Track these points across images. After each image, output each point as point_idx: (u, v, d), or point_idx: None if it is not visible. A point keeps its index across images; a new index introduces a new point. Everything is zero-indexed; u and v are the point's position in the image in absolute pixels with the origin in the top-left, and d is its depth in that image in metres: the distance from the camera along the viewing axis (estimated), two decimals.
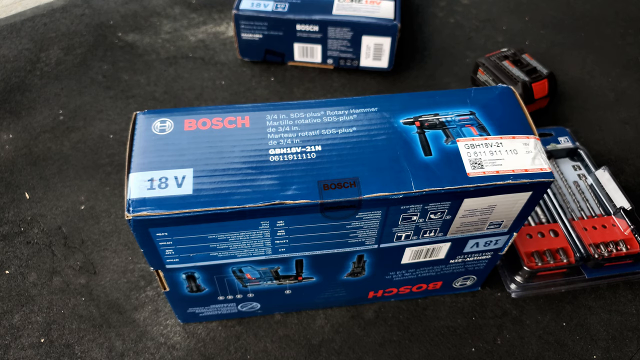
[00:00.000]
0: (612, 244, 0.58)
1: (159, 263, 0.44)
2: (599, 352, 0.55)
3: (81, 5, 0.95)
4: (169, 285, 0.48)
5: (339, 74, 0.83)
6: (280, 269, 0.48)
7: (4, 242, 0.62)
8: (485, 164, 0.41)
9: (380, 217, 0.42)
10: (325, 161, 0.41)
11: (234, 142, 0.41)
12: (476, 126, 0.43)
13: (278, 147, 0.41)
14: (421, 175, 0.40)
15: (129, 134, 0.42)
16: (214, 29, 0.91)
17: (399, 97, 0.46)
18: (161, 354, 0.54)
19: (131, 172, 0.39)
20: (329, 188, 0.39)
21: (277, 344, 0.55)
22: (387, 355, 0.54)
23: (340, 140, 0.42)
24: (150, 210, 0.38)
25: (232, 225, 0.40)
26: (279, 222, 0.41)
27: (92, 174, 0.69)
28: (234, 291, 0.51)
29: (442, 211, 0.43)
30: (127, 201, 0.38)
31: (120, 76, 0.82)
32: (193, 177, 0.39)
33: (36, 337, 0.54)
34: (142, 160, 0.40)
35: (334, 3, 0.77)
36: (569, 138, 0.69)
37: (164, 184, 0.39)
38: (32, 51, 0.86)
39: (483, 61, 0.76)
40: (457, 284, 0.57)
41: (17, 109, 0.77)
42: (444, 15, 0.96)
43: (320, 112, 0.44)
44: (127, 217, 0.38)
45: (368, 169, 0.40)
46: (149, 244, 0.41)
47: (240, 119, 0.43)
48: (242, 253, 0.44)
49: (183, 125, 0.42)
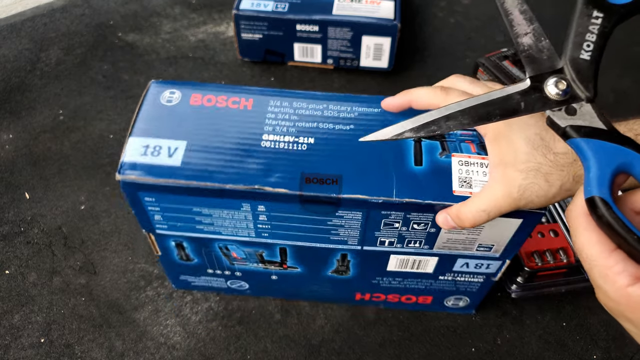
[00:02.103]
0: None
1: (149, 227, 0.46)
2: (599, 352, 0.55)
3: (81, 5, 0.95)
4: (161, 250, 0.49)
5: (339, 74, 0.83)
6: (264, 254, 0.49)
7: (4, 242, 0.62)
8: (474, 184, 0.40)
9: (361, 219, 0.42)
10: (314, 154, 0.41)
11: (232, 122, 0.42)
12: (477, 144, 0.42)
13: (272, 134, 0.42)
14: (406, 184, 0.39)
15: (140, 98, 0.44)
16: (214, 29, 0.91)
17: None
18: (161, 354, 0.54)
19: (131, 136, 0.42)
20: (311, 182, 0.39)
21: (277, 344, 0.55)
22: (387, 355, 0.54)
23: (335, 135, 0.42)
24: (138, 175, 0.40)
25: (214, 202, 0.42)
26: (259, 206, 0.42)
27: (92, 174, 0.69)
28: (222, 267, 0.52)
29: (425, 222, 0.42)
30: (121, 163, 0.40)
31: (120, 76, 0.82)
32: (185, 150, 0.41)
33: (36, 337, 0.54)
34: (144, 126, 0.42)
35: (334, 3, 0.77)
36: None
37: (157, 152, 0.41)
38: (32, 51, 0.86)
39: (483, 61, 0.76)
40: (448, 303, 0.56)
41: (17, 109, 0.77)
42: (444, 15, 0.96)
43: (323, 105, 0.44)
44: (117, 178, 0.40)
45: (354, 169, 0.40)
46: (138, 206, 0.43)
47: (244, 101, 0.44)
48: (227, 231, 0.46)
49: (189, 98, 0.44)
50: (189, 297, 0.58)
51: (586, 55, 0.30)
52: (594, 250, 0.27)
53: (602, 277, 0.27)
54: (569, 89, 0.30)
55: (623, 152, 0.29)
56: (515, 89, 0.31)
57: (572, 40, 0.31)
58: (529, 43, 0.32)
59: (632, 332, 0.28)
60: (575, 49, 0.30)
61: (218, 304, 0.57)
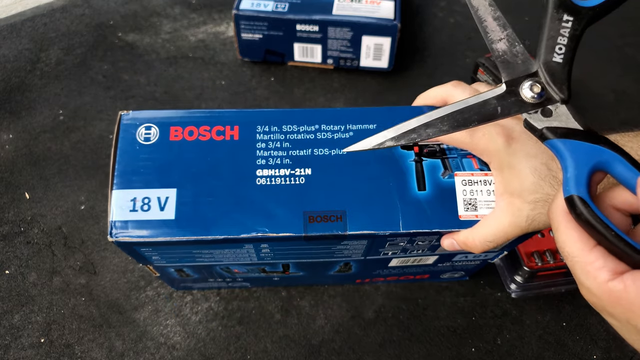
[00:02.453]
0: None
1: (147, 262, 0.45)
2: (599, 352, 0.55)
3: (81, 5, 0.95)
4: (159, 272, 0.49)
5: (339, 74, 0.83)
6: (267, 267, 0.49)
7: (4, 242, 0.62)
8: (479, 206, 0.39)
9: (366, 244, 0.42)
10: (313, 188, 0.39)
11: (221, 158, 0.40)
12: (478, 159, 0.41)
13: (266, 168, 0.40)
14: (411, 213, 0.39)
15: (114, 135, 0.41)
16: (214, 29, 0.91)
17: (401, 111, 0.42)
18: (161, 354, 0.54)
19: (114, 189, 0.38)
20: (314, 220, 0.38)
21: (277, 344, 0.55)
22: (387, 355, 0.54)
23: (332, 162, 0.40)
24: (132, 237, 0.37)
25: (216, 246, 0.40)
26: (262, 245, 0.41)
27: (92, 174, 0.69)
28: (223, 277, 0.53)
29: (430, 240, 0.42)
30: (110, 223, 0.37)
31: (120, 76, 0.82)
32: (176, 200, 0.38)
33: (36, 337, 0.54)
34: (126, 174, 0.39)
35: (334, 3, 0.77)
36: None
37: (147, 205, 0.38)
38: (32, 51, 0.86)
39: (483, 61, 0.76)
40: (444, 276, 0.58)
41: (17, 109, 0.77)
42: (444, 15, 0.96)
43: (315, 127, 0.42)
44: (109, 240, 0.38)
45: (357, 201, 0.39)
46: (135, 254, 0.42)
47: (229, 130, 0.41)
48: (228, 260, 0.45)
49: (169, 134, 0.40)
50: (189, 297, 0.58)
51: (559, 58, 0.31)
52: (574, 247, 0.28)
53: (584, 274, 0.27)
54: (544, 91, 0.31)
55: (599, 151, 0.30)
56: (492, 94, 0.32)
57: (545, 44, 0.31)
58: (504, 48, 0.33)
59: (615, 326, 0.29)
60: (548, 52, 0.31)
61: (218, 304, 0.57)
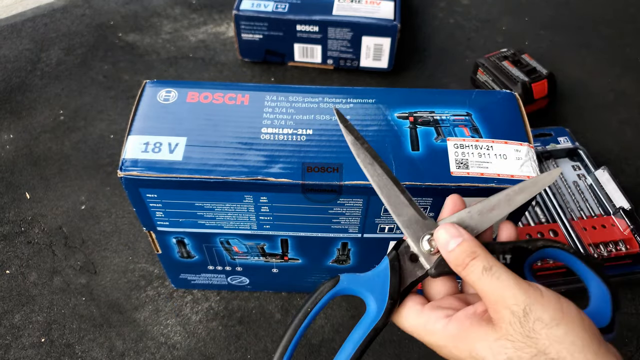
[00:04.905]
0: (611, 244, 0.58)
1: (151, 224, 0.46)
2: None
3: (82, 5, 0.95)
4: (161, 248, 0.49)
5: (339, 74, 0.83)
6: (266, 246, 0.49)
7: (5, 242, 0.62)
8: (471, 165, 0.41)
9: (362, 206, 0.43)
10: (313, 145, 0.42)
11: (230, 117, 0.43)
12: (470, 127, 0.43)
13: (271, 127, 0.43)
14: (404, 168, 0.41)
15: (135, 99, 0.45)
16: (214, 29, 0.91)
17: (399, 91, 0.46)
18: (161, 354, 0.54)
19: (130, 134, 0.42)
20: (312, 170, 0.40)
21: (277, 343, 0.55)
22: (387, 355, 0.54)
23: (333, 126, 0.43)
24: (140, 171, 0.40)
25: (217, 195, 0.42)
26: (262, 197, 0.42)
27: (93, 174, 0.69)
28: (222, 263, 0.52)
29: (424, 207, 0.43)
30: (122, 160, 0.40)
31: (120, 76, 0.83)
32: (185, 145, 0.41)
33: (37, 336, 0.54)
34: (142, 124, 0.42)
35: (334, 3, 0.77)
36: (569, 138, 0.69)
37: (158, 148, 0.41)
38: (32, 51, 0.86)
39: (483, 61, 0.76)
40: None
41: (17, 109, 0.77)
42: (443, 15, 0.96)
43: (319, 98, 0.45)
44: (119, 175, 0.40)
45: (353, 157, 0.40)
46: (140, 204, 0.43)
47: (241, 97, 0.45)
48: (229, 225, 0.46)
49: (186, 96, 0.44)
50: (189, 297, 0.58)
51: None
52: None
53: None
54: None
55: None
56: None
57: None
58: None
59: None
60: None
61: (218, 304, 0.57)
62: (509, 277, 0.30)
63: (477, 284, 0.31)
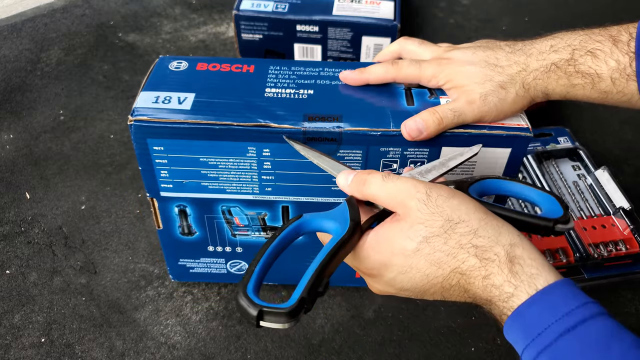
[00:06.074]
0: (611, 243, 0.58)
1: (155, 189, 0.48)
2: None
3: (82, 5, 0.95)
4: (163, 222, 0.51)
5: None
6: (267, 216, 0.50)
7: (5, 242, 0.62)
8: None
9: (361, 159, 0.45)
10: (315, 101, 0.45)
11: (237, 81, 0.47)
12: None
13: (274, 88, 0.46)
14: (401, 118, 0.44)
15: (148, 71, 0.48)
16: (215, 29, 0.92)
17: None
18: (161, 354, 0.54)
19: (143, 90, 0.45)
20: (313, 119, 0.44)
21: (277, 343, 0.55)
22: (387, 354, 0.54)
23: (333, 88, 0.47)
24: (150, 116, 0.43)
25: (221, 148, 0.44)
26: (265, 150, 0.45)
27: (93, 174, 0.69)
28: (223, 242, 0.53)
29: (421, 160, 0.45)
30: (133, 108, 0.43)
31: (120, 76, 0.83)
32: (194, 100, 0.45)
33: (37, 336, 0.54)
34: (154, 84, 0.46)
35: (334, 3, 0.77)
36: (569, 138, 0.69)
37: (168, 100, 0.44)
38: (32, 51, 0.86)
39: None
40: None
41: (17, 109, 0.77)
42: (444, 15, 0.96)
43: (319, 68, 0.49)
44: (129, 122, 0.43)
45: (353, 110, 0.45)
46: (146, 161, 0.45)
47: (247, 67, 0.49)
48: (231, 188, 0.48)
49: (196, 66, 0.49)
50: (189, 297, 0.58)
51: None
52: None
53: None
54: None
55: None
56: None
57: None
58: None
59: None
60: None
61: (218, 304, 0.57)
62: (406, 177, 0.36)
63: (382, 191, 0.36)
